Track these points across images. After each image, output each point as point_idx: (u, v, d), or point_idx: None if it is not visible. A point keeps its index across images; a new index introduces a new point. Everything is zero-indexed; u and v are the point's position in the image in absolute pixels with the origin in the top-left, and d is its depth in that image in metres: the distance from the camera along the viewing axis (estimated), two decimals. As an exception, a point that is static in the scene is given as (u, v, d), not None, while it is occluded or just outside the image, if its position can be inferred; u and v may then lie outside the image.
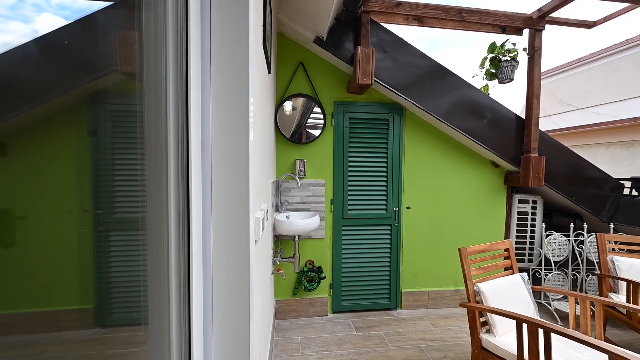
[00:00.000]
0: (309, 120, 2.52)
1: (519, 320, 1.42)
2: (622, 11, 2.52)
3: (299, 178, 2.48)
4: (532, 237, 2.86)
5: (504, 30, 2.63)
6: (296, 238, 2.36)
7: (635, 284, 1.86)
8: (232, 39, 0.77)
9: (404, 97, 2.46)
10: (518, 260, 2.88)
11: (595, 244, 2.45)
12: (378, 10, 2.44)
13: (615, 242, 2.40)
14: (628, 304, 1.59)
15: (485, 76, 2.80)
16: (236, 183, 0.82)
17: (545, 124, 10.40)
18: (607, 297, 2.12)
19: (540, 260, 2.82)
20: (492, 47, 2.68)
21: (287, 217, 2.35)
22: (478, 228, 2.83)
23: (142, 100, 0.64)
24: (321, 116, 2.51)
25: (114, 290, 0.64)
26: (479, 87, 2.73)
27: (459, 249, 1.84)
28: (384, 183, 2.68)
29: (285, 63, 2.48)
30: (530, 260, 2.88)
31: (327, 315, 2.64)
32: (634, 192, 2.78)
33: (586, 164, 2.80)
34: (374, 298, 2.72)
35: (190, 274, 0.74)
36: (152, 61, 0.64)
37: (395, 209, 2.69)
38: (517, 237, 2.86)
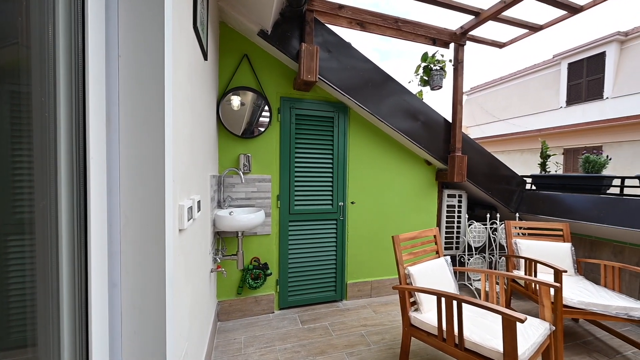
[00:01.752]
0: (258, 115, 2.49)
1: (439, 295, 1.59)
2: (522, 36, 3.02)
3: (243, 173, 2.42)
4: (458, 227, 3.24)
5: (434, 42, 2.94)
6: (240, 234, 2.30)
7: (530, 260, 2.23)
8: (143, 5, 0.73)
9: (349, 97, 2.59)
10: (447, 248, 3.23)
11: (504, 230, 2.88)
12: (322, 11, 2.54)
13: (520, 228, 2.85)
14: (524, 276, 1.90)
15: (419, 82, 3.10)
16: (151, 166, 0.77)
17: (475, 132, 11.85)
18: (511, 273, 2.50)
19: (465, 247, 3.21)
20: (425, 57, 2.98)
21: (230, 213, 2.28)
22: (414, 220, 3.09)
23: (26, 75, 0.56)
24: (267, 111, 2.50)
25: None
26: (414, 93, 3.01)
27: (393, 237, 1.99)
28: (330, 179, 2.77)
29: (229, 54, 2.41)
30: (457, 248, 3.25)
31: (273, 312, 2.61)
32: (534, 187, 3.33)
33: (499, 163, 3.27)
34: (321, 291, 2.79)
35: (88, 263, 0.67)
36: (36, 23, 0.57)
37: (341, 203, 2.80)
38: (446, 227, 3.20)
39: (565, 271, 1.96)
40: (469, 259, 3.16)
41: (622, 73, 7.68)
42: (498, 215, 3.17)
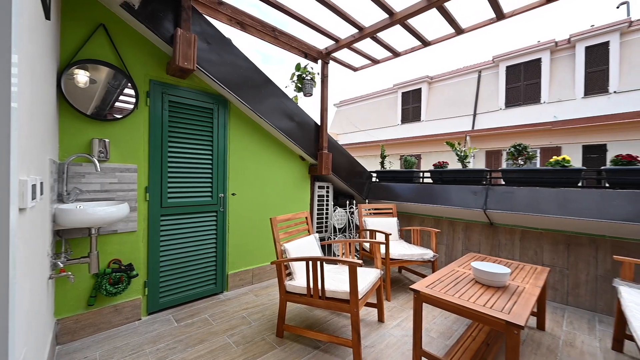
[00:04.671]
0: (116, 95, 2.17)
1: (307, 259, 1.95)
2: (367, 65, 3.98)
3: (98, 161, 2.07)
4: (327, 213, 3.88)
5: (306, 55, 3.45)
6: (93, 232, 1.95)
7: (372, 230, 3.01)
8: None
9: (229, 91, 2.67)
10: (319, 231, 3.81)
11: (358, 212, 3.70)
12: (201, 1, 2.52)
13: (368, 210, 3.74)
14: (366, 239, 2.58)
15: (294, 88, 3.54)
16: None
17: (344, 139, 14.01)
18: (361, 243, 3.27)
19: (331, 229, 3.88)
20: (298, 67, 3.44)
21: (79, 207, 1.90)
22: (291, 209, 3.48)
23: None
24: (132, 92, 2.24)
25: None
26: (291, 97, 3.41)
27: (270, 219, 2.24)
28: (210, 170, 2.74)
29: (78, 20, 2.01)
30: (326, 230, 3.88)
31: (140, 319, 2.33)
32: (377, 180, 4.43)
33: (355, 162, 4.16)
34: (200, 286, 2.70)
35: None
36: None
37: (221, 195, 2.82)
38: (317, 214, 3.78)
39: (390, 234, 2.79)
40: (334, 238, 3.84)
41: (431, 104, 11.12)
42: (355, 201, 4.02)
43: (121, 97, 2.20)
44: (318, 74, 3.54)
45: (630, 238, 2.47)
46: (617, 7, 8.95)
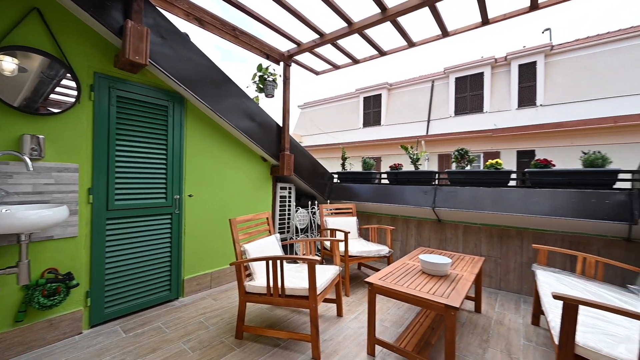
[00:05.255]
0: (51, 87, 1.97)
1: (267, 259, 1.97)
2: (327, 70, 4.10)
3: (31, 159, 1.86)
4: (289, 214, 3.91)
5: (267, 57, 3.46)
6: (23, 239, 1.75)
7: (333, 230, 3.12)
8: None
9: (186, 88, 2.57)
10: (281, 232, 3.82)
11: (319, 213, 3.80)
12: (154, -7, 2.41)
13: (329, 210, 3.85)
14: (326, 238, 2.67)
15: (256, 89, 3.52)
16: None
17: (309, 141, 14.14)
18: (322, 242, 3.36)
19: (293, 230, 3.92)
20: (260, 68, 3.44)
21: (5, 210, 1.69)
22: (253, 210, 3.45)
23: None
24: (73, 84, 2.05)
25: None
26: (252, 97, 3.39)
27: (230, 220, 2.21)
28: (164, 171, 2.61)
29: (7, 2, 1.80)
30: (288, 231, 3.91)
31: (81, 333, 2.13)
32: (338, 180, 4.58)
33: (317, 163, 4.25)
34: (152, 294, 2.55)
35: None
36: None
37: (177, 197, 2.70)
38: (280, 215, 3.79)
39: (349, 232, 2.92)
40: (296, 238, 3.88)
41: (390, 109, 11.75)
42: (317, 202, 4.11)
43: (59, 90, 2.01)
44: (280, 75, 3.57)
45: (547, 230, 2.91)
46: (542, 32, 10.39)
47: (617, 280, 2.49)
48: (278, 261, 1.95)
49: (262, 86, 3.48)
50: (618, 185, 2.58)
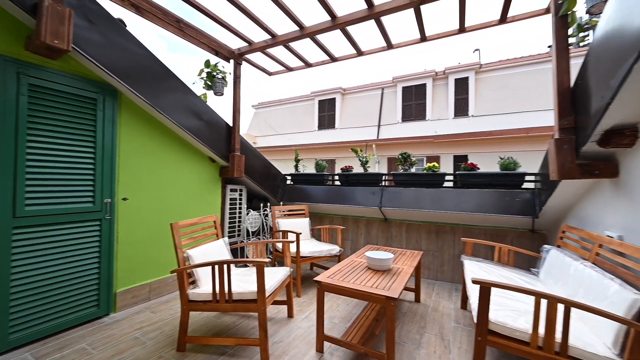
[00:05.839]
0: None
1: (212, 264, 1.88)
2: (281, 71, 4.10)
3: None
4: (240, 217, 3.78)
5: (217, 53, 3.31)
6: None
7: (285, 231, 3.11)
8: None
9: (119, 80, 2.32)
10: (231, 235, 3.67)
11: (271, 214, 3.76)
12: (79, -29, 2.13)
13: (282, 212, 3.83)
14: (276, 240, 2.65)
15: (203, 86, 3.35)
16: None
17: (263, 142, 13.84)
18: (274, 244, 3.33)
19: (244, 233, 3.80)
20: (208, 64, 3.28)
21: None
22: (199, 213, 3.25)
23: None
24: (-35, 68, 1.70)
25: None
26: (199, 94, 3.20)
27: (171, 224, 2.06)
28: (91, 172, 2.31)
29: None
30: (239, 235, 3.78)
31: (-23, 366, 1.77)
32: (292, 182, 4.59)
33: (270, 164, 4.20)
34: (75, 312, 2.23)
35: None
36: None
37: (108, 200, 2.41)
38: (230, 217, 3.64)
39: (301, 233, 2.94)
40: (247, 241, 3.77)
41: (344, 113, 12.15)
42: (269, 204, 4.05)
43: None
44: (230, 73, 3.45)
45: (474, 225, 3.33)
46: (473, 52, 11.86)
47: (524, 265, 2.96)
48: (225, 265, 1.87)
49: (210, 83, 3.31)
50: (525, 185, 3.08)
